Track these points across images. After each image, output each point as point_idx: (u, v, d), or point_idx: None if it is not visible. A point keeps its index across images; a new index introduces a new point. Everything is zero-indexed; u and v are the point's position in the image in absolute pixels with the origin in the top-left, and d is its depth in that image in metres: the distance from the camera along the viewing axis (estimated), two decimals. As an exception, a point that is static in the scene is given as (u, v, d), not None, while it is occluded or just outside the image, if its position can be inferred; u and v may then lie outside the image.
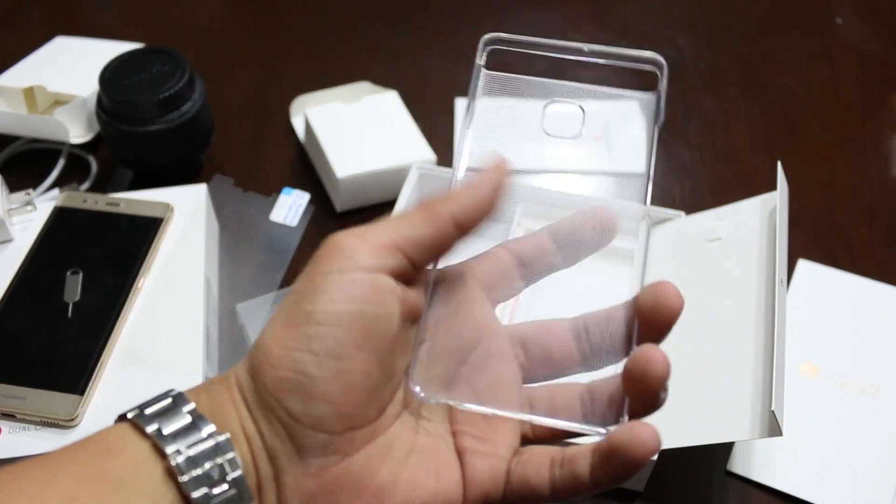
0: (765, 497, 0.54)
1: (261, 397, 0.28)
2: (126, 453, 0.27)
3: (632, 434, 0.29)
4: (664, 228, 0.64)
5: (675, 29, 0.91)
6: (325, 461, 0.28)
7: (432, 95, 0.80)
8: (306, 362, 0.27)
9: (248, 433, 0.28)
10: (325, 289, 0.28)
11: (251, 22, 0.92)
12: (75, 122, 0.70)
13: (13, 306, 0.54)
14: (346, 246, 0.29)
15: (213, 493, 0.27)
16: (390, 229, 0.29)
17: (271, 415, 0.28)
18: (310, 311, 0.28)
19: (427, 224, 0.30)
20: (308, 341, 0.28)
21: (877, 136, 0.80)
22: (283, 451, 0.28)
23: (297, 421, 0.28)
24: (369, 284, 0.28)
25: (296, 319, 0.28)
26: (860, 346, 0.61)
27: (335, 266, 0.28)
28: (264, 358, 0.28)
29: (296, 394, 0.28)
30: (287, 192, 0.70)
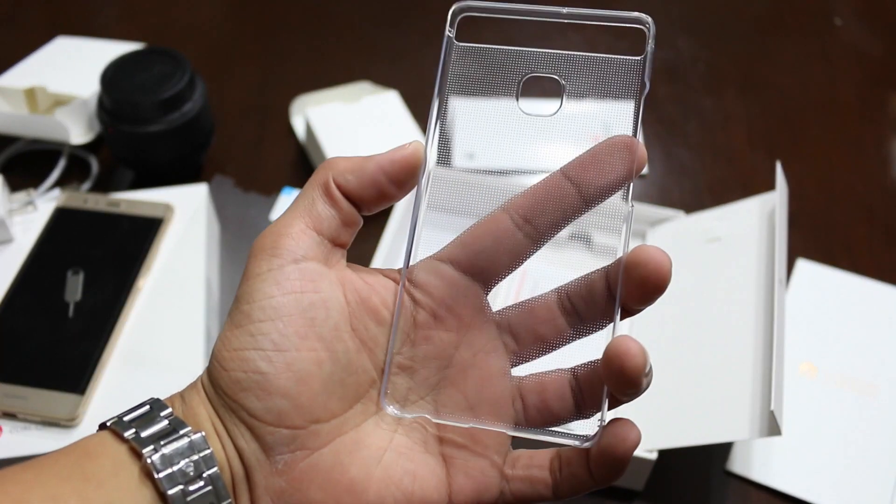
0: (764, 496, 0.54)
1: (222, 400, 0.29)
2: (106, 456, 0.28)
3: (613, 437, 0.29)
4: (664, 228, 0.65)
5: (675, 29, 0.91)
6: (291, 457, 0.29)
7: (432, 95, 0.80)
8: (254, 359, 0.28)
9: (220, 434, 0.29)
10: (259, 287, 0.29)
11: (251, 22, 0.92)
12: (76, 123, 0.70)
13: (14, 306, 0.54)
14: (268, 245, 0.30)
15: (189, 490, 0.27)
16: (298, 216, 0.30)
17: (234, 416, 0.29)
18: (248, 310, 0.29)
19: (324, 198, 0.31)
20: (252, 339, 0.29)
21: (875, 136, 0.80)
22: (250, 450, 0.29)
23: (257, 419, 0.28)
24: (298, 274, 0.29)
25: (238, 321, 0.29)
26: (859, 346, 0.61)
27: (263, 267, 0.29)
28: (217, 363, 0.29)
29: (250, 392, 0.28)
30: (287, 192, 0.70)
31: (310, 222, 0.30)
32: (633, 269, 0.28)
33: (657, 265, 0.28)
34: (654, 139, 0.79)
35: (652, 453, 0.50)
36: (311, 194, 0.31)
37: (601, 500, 0.53)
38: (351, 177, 0.31)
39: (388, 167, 0.31)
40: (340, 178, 0.31)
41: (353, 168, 0.31)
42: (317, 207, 0.30)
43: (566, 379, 0.31)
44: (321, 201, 0.31)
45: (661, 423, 0.52)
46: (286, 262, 0.29)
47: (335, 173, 0.31)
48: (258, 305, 0.29)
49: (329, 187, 0.31)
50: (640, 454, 0.50)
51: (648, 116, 0.80)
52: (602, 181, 0.30)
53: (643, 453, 0.50)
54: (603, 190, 0.30)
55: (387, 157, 0.32)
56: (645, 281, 0.28)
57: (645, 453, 0.50)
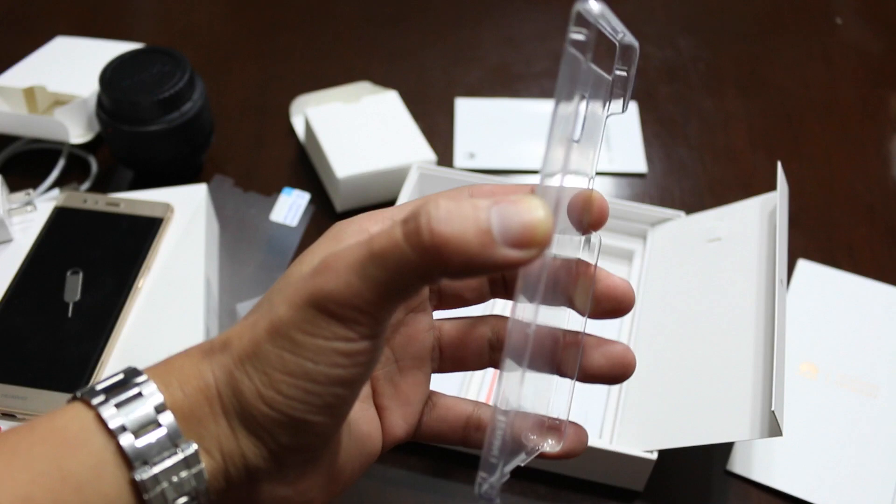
0: (764, 497, 0.54)
1: (247, 424, 0.28)
2: (87, 450, 0.26)
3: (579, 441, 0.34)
4: (664, 228, 0.64)
5: (675, 29, 0.91)
6: (302, 470, 0.29)
7: (432, 95, 0.80)
8: (304, 412, 0.27)
9: (227, 451, 0.28)
10: (328, 356, 0.26)
11: (251, 22, 0.92)
12: (75, 123, 0.70)
13: (13, 306, 0.54)
14: (346, 317, 0.26)
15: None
16: (375, 293, 0.25)
17: (258, 440, 0.28)
18: (311, 371, 0.26)
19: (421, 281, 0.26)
20: (307, 396, 0.27)
21: (876, 136, 0.80)
22: (265, 468, 0.28)
23: (284, 449, 0.28)
24: (374, 349, 0.27)
25: (292, 370, 0.26)
26: (860, 346, 0.61)
27: (338, 333, 0.26)
28: (260, 398, 0.27)
29: (287, 431, 0.27)
30: (287, 192, 0.70)
31: (394, 301, 0.26)
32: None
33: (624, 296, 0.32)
34: (654, 139, 0.79)
35: (652, 453, 0.50)
36: (407, 282, 0.25)
37: (601, 500, 0.53)
38: (463, 274, 0.24)
39: (502, 263, 0.24)
40: (454, 273, 0.24)
41: (464, 266, 0.23)
42: (411, 294, 0.26)
43: (486, 339, 0.34)
44: (417, 290, 0.26)
45: (661, 423, 0.51)
46: (359, 338, 0.26)
47: (445, 271, 0.24)
48: (323, 371, 0.26)
49: (433, 279, 0.25)
50: (640, 454, 0.50)
51: (648, 116, 0.80)
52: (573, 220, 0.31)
53: (643, 453, 0.50)
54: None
55: (504, 249, 0.23)
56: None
57: (645, 453, 0.50)
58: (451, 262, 0.23)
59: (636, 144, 0.78)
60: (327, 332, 0.26)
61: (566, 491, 0.54)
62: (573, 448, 0.34)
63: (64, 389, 0.50)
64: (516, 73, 0.84)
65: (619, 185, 0.75)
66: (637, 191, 0.74)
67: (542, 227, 0.23)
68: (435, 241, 0.23)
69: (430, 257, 0.23)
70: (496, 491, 0.27)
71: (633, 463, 0.51)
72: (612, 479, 0.54)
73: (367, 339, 0.26)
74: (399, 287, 0.25)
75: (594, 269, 0.32)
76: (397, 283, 0.25)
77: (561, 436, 0.33)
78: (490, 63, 0.85)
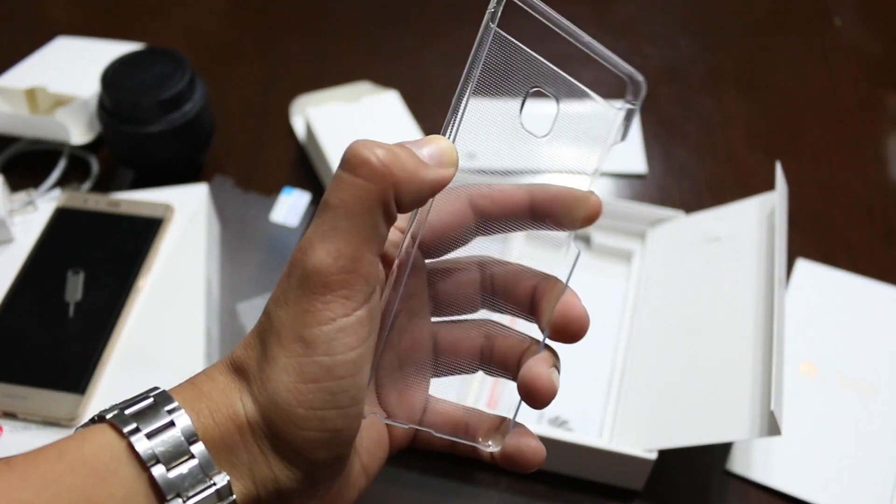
0: (764, 496, 0.54)
1: (282, 450, 0.28)
2: (117, 480, 0.26)
3: (517, 450, 0.32)
4: (664, 228, 0.65)
5: (675, 29, 0.91)
6: (331, 484, 0.30)
7: (432, 95, 0.80)
8: (333, 418, 0.27)
9: (259, 477, 0.28)
10: (338, 338, 0.27)
11: (252, 23, 0.92)
12: (76, 123, 0.70)
13: (15, 306, 0.54)
14: (337, 285, 0.27)
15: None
16: (363, 242, 0.27)
17: (293, 464, 0.28)
18: (329, 366, 0.27)
19: (385, 220, 0.28)
20: (333, 398, 0.27)
21: (875, 136, 0.80)
22: (298, 489, 0.28)
23: (317, 466, 0.28)
24: (370, 316, 0.28)
25: (315, 375, 0.27)
26: (859, 346, 0.61)
27: (338, 311, 0.27)
28: (288, 419, 0.27)
29: (323, 447, 0.28)
30: (287, 192, 0.70)
31: (375, 249, 0.28)
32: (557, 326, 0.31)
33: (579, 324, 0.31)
34: (654, 139, 0.79)
35: (652, 453, 0.50)
36: (373, 216, 0.27)
37: (601, 500, 0.54)
38: (408, 198, 0.28)
39: (436, 179, 0.29)
40: (403, 198, 0.28)
41: (410, 183, 0.28)
42: (380, 232, 0.28)
43: (478, 345, 0.34)
44: (383, 224, 0.28)
45: (661, 423, 0.52)
46: (360, 305, 0.27)
47: (397, 192, 0.28)
48: (340, 360, 0.27)
49: (390, 208, 0.28)
50: (640, 454, 0.50)
51: (648, 117, 0.80)
52: (554, 219, 0.32)
53: (643, 453, 0.50)
54: (553, 225, 0.33)
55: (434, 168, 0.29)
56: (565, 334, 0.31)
57: (645, 453, 0.50)
58: (400, 182, 0.27)
59: (636, 144, 0.78)
60: (327, 312, 0.27)
61: (566, 491, 0.54)
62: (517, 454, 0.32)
63: (64, 389, 0.50)
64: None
65: (618, 185, 0.75)
66: (637, 191, 0.74)
67: (452, 152, 0.30)
68: (386, 165, 0.27)
69: (384, 181, 0.27)
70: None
71: (632, 462, 0.51)
72: (611, 478, 0.54)
73: (362, 304, 0.28)
74: (368, 226, 0.27)
75: (563, 287, 0.32)
76: (365, 222, 0.27)
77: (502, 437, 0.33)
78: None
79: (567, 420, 0.56)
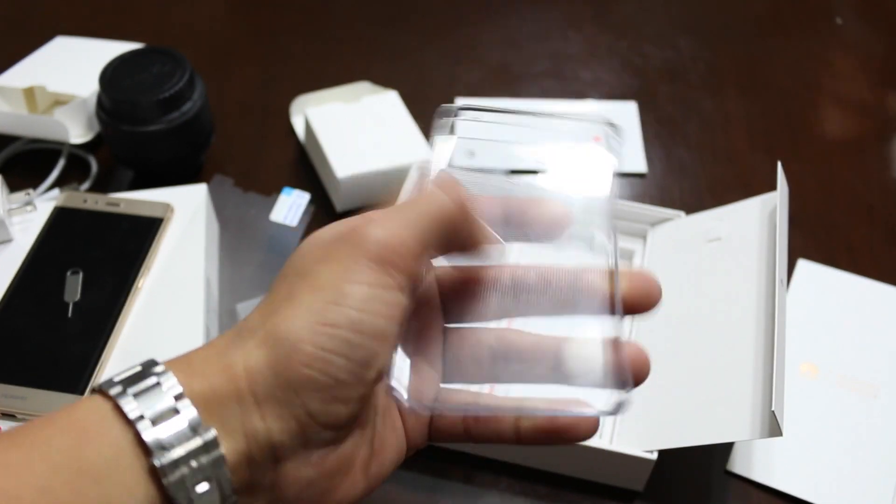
0: (765, 497, 0.54)
1: (278, 392, 0.28)
2: (105, 440, 0.26)
3: (576, 422, 0.33)
4: (664, 228, 0.64)
5: (675, 29, 0.91)
6: (325, 451, 0.29)
7: (432, 95, 0.80)
8: (340, 367, 0.27)
9: (250, 430, 0.28)
10: (371, 301, 0.28)
11: (251, 22, 0.92)
12: (75, 122, 0.70)
13: (13, 306, 0.54)
14: (390, 259, 0.29)
15: (195, 493, 0.26)
16: (418, 235, 0.30)
17: (286, 411, 0.28)
18: (355, 319, 0.28)
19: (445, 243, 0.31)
20: (348, 347, 0.27)
21: (876, 136, 0.80)
22: (290, 445, 0.28)
23: (313, 419, 0.28)
24: (403, 308, 0.29)
25: (334, 320, 0.27)
26: (860, 346, 0.61)
27: (380, 281, 0.28)
28: (294, 354, 0.27)
29: (319, 394, 0.28)
30: (287, 192, 0.70)
31: (427, 254, 0.30)
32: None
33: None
34: (654, 139, 0.79)
35: (652, 453, 0.50)
36: (438, 226, 0.30)
37: (601, 500, 0.53)
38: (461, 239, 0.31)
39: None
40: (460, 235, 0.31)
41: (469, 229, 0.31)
42: (436, 243, 0.30)
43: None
44: (438, 243, 0.31)
45: (661, 423, 0.51)
46: (402, 289, 0.29)
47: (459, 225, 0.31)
48: (369, 319, 0.28)
49: (450, 233, 0.31)
50: (640, 454, 0.50)
51: (648, 116, 0.80)
52: (521, 232, 0.34)
53: (643, 453, 0.50)
54: (518, 237, 0.34)
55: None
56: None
57: (645, 453, 0.50)
58: (466, 212, 0.31)
59: (636, 144, 0.78)
60: (373, 278, 0.28)
61: (566, 491, 0.54)
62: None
63: (64, 389, 0.50)
64: (516, 73, 0.84)
65: (618, 185, 0.75)
66: (637, 191, 0.74)
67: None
68: (467, 200, 0.31)
69: (461, 206, 0.30)
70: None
71: (633, 463, 0.51)
72: (611, 479, 0.54)
73: (404, 291, 0.29)
74: (431, 231, 0.30)
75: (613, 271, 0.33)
76: (431, 227, 0.30)
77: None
78: (490, 63, 0.85)
79: (567, 420, 0.56)
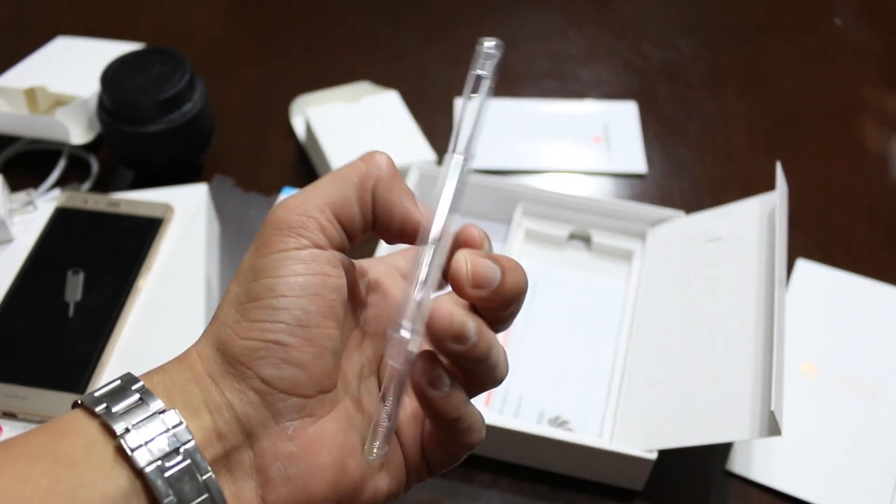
0: (764, 496, 0.54)
1: (229, 368, 0.29)
2: (77, 434, 0.28)
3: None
4: (664, 228, 0.65)
5: (675, 29, 0.91)
6: (300, 423, 0.30)
7: (432, 95, 0.80)
8: (276, 331, 0.29)
9: (213, 406, 0.29)
10: (285, 264, 0.29)
11: (251, 22, 0.92)
12: (76, 123, 0.70)
13: (14, 306, 0.54)
14: (294, 223, 0.30)
15: (166, 465, 0.27)
16: (328, 202, 0.31)
17: (243, 383, 0.29)
18: (272, 284, 0.29)
19: (358, 202, 0.31)
20: (275, 313, 0.29)
21: (875, 136, 0.80)
22: (258, 417, 0.29)
23: (271, 386, 0.29)
24: (327, 259, 0.30)
25: (258, 294, 0.29)
26: (859, 346, 0.61)
27: (290, 244, 0.30)
28: (231, 331, 0.29)
29: (268, 360, 0.29)
30: (287, 192, 0.70)
31: (338, 214, 0.31)
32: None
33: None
34: (654, 139, 0.79)
35: (652, 453, 0.50)
36: (348, 189, 0.31)
37: (601, 500, 0.54)
38: (381, 199, 0.32)
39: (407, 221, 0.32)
40: (379, 190, 0.32)
41: (388, 186, 0.32)
42: (350, 206, 0.31)
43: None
44: (355, 203, 0.31)
45: (661, 423, 0.52)
46: (311, 245, 0.30)
47: (375, 181, 0.32)
48: (283, 281, 0.29)
49: (365, 192, 0.31)
50: (640, 454, 0.50)
51: (648, 116, 0.80)
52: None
53: (643, 453, 0.50)
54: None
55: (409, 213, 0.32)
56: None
57: (645, 453, 0.50)
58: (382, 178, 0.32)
59: (636, 144, 0.78)
60: (280, 244, 0.29)
61: (566, 491, 0.54)
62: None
63: (64, 389, 0.50)
64: (516, 73, 0.84)
65: (618, 185, 0.75)
66: (637, 191, 0.74)
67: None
68: (384, 162, 0.34)
69: (374, 169, 0.33)
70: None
71: (632, 463, 0.51)
72: (611, 478, 0.54)
73: (316, 246, 0.30)
74: (342, 193, 0.31)
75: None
76: (341, 189, 0.31)
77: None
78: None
79: (567, 420, 0.56)
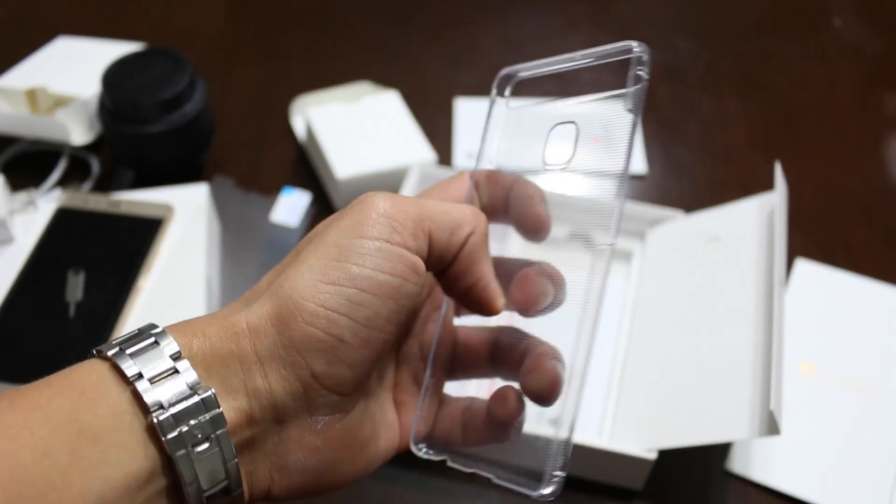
0: (763, 496, 0.54)
1: (280, 350, 0.27)
2: (104, 402, 0.26)
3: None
4: (663, 228, 0.65)
5: (674, 29, 0.91)
6: (330, 419, 0.29)
7: (432, 95, 0.80)
8: (342, 326, 0.27)
9: (252, 389, 0.27)
10: (373, 256, 0.28)
11: (251, 22, 0.92)
12: (77, 123, 0.70)
13: (15, 306, 0.54)
14: (395, 217, 0.29)
15: (194, 452, 0.26)
16: (431, 215, 0.30)
17: (290, 371, 0.27)
18: (356, 274, 0.28)
19: (450, 237, 0.31)
20: (349, 306, 0.27)
21: (874, 136, 0.80)
22: (293, 408, 0.28)
23: (319, 381, 0.28)
24: (412, 264, 0.29)
25: (336, 279, 0.27)
26: (858, 346, 0.61)
27: (383, 234, 0.28)
28: (297, 312, 0.27)
29: (323, 354, 0.27)
30: (287, 193, 0.70)
31: (433, 233, 0.30)
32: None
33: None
34: (654, 139, 0.79)
35: (651, 453, 0.50)
36: (451, 219, 0.31)
37: (600, 500, 0.54)
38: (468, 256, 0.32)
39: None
40: (471, 241, 0.31)
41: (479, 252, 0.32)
42: (442, 233, 0.30)
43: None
44: (447, 233, 0.31)
45: (660, 423, 0.52)
46: (405, 245, 0.29)
47: (473, 230, 0.31)
48: (367, 275, 0.28)
49: (460, 232, 0.31)
50: (639, 454, 0.50)
51: (648, 117, 0.81)
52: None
53: (643, 453, 0.50)
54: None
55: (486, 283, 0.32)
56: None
57: (644, 453, 0.50)
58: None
59: (636, 144, 0.78)
60: (375, 231, 0.28)
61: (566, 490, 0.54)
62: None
63: (65, 389, 0.50)
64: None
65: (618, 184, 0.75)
66: (637, 191, 0.74)
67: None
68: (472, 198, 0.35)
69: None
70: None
71: (632, 462, 0.51)
72: (611, 478, 0.54)
73: (408, 248, 0.29)
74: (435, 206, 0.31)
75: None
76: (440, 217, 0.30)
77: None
78: (490, 63, 0.85)
79: (567, 420, 0.56)
